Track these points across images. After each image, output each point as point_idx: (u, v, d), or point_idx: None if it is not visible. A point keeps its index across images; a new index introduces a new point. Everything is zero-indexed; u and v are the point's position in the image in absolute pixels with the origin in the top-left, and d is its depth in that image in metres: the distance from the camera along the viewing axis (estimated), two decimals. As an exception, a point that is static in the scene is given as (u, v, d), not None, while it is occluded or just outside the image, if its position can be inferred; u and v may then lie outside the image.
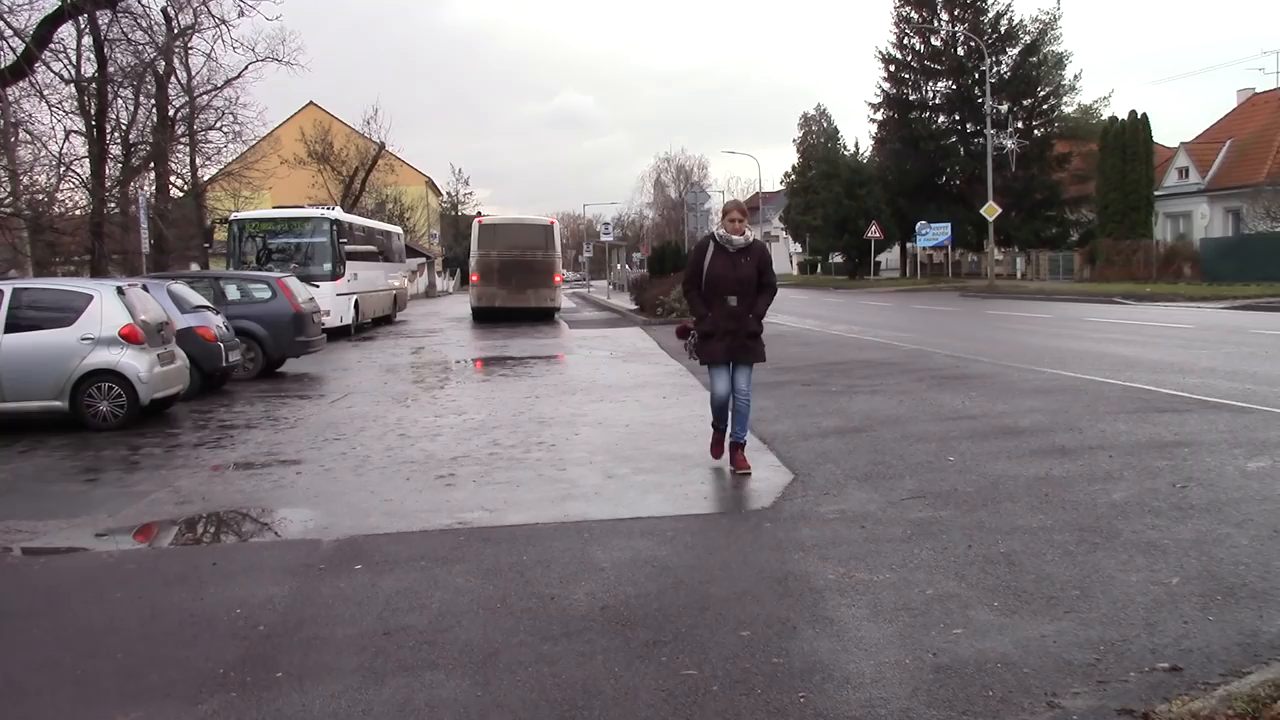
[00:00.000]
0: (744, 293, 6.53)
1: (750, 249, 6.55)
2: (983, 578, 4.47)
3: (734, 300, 6.51)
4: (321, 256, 22.41)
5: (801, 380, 11.66)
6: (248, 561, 5.26)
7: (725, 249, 6.54)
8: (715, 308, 6.53)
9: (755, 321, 6.61)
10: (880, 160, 53.57)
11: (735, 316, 6.55)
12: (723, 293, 6.51)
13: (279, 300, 14.90)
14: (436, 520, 5.89)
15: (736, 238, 6.53)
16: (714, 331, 6.54)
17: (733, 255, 6.54)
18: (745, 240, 6.55)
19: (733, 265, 6.51)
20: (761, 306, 6.63)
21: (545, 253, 27.43)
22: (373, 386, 13.09)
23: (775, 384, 11.49)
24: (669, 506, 6.04)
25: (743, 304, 6.53)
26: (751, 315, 6.58)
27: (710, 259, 6.55)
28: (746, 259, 6.53)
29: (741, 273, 6.50)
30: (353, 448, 8.38)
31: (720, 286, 6.51)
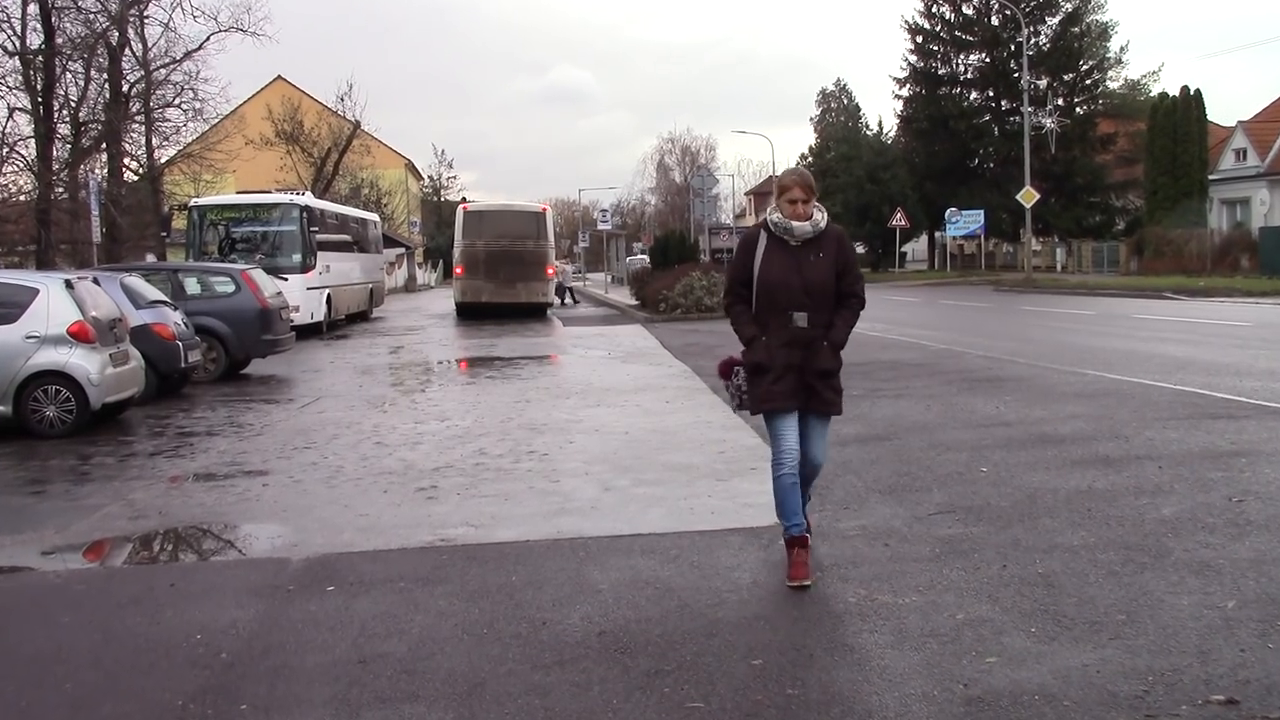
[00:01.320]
0: (817, 306, 4.84)
1: (822, 240, 4.90)
2: (1018, 601, 4.47)
3: (802, 318, 4.83)
4: (290, 246, 22.43)
5: (819, 383, 11.66)
6: (209, 582, 5.26)
7: (784, 242, 4.90)
8: (773, 329, 4.86)
9: (832, 352, 4.90)
10: (906, 141, 53.67)
11: (803, 342, 4.84)
12: (784, 306, 4.84)
13: (243, 295, 14.91)
14: (417, 537, 5.90)
15: (799, 224, 4.87)
16: (770, 365, 4.87)
17: (796, 251, 4.88)
18: (813, 227, 4.88)
19: (797, 266, 4.85)
20: (842, 329, 4.91)
21: (537, 242, 27.44)
22: (347, 390, 13.09)
23: (790, 387, 11.49)
24: (673, 522, 6.04)
25: (815, 323, 4.84)
26: (827, 342, 4.87)
27: (763, 257, 4.91)
28: (818, 255, 4.87)
29: (812, 275, 4.84)
30: (324, 457, 8.38)
31: (780, 297, 4.84)
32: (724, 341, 18.08)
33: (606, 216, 49.76)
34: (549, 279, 27.78)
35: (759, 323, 4.94)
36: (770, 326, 4.89)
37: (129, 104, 28.64)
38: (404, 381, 14.52)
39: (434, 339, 21.84)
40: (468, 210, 28.40)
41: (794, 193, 4.92)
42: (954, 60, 50.79)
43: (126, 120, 28.34)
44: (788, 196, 4.93)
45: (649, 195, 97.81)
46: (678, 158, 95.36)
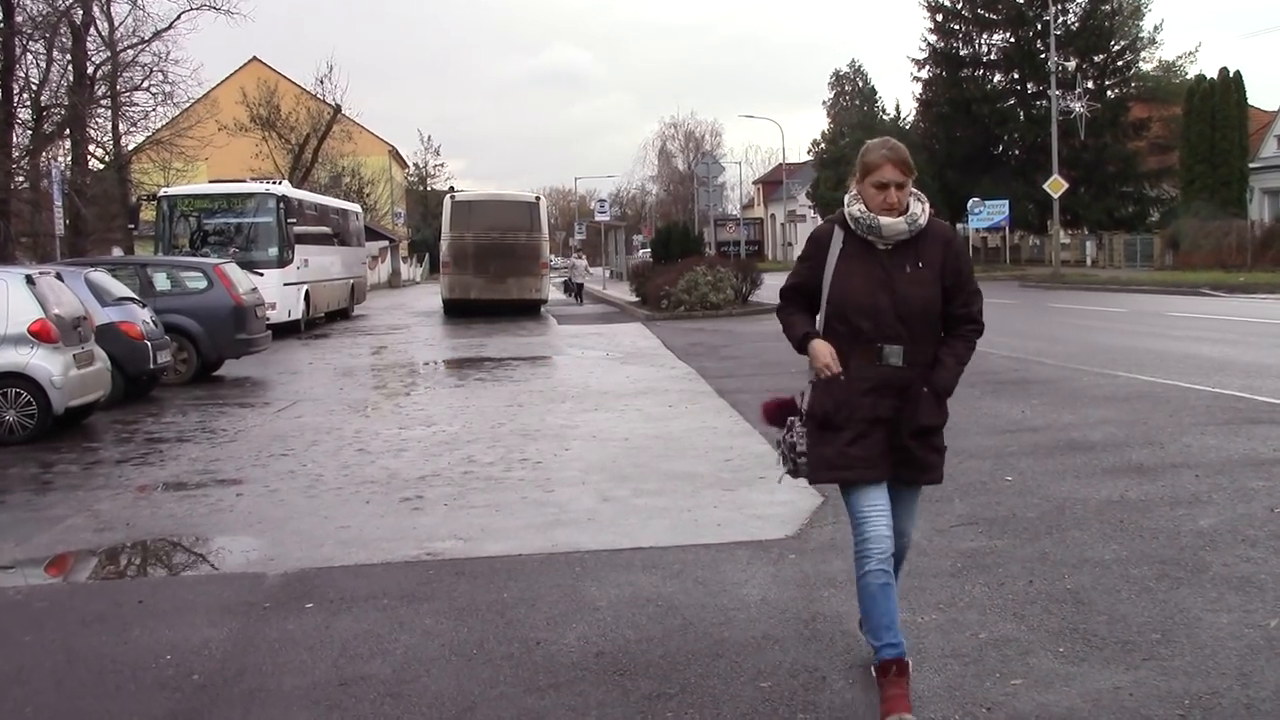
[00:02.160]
0: (915, 335, 3.66)
1: (924, 243, 3.69)
2: (1046, 619, 4.48)
3: (895, 353, 3.65)
4: (266, 239, 22.45)
5: (832, 386, 11.66)
6: (179, 599, 5.26)
7: (869, 245, 3.69)
8: (853, 367, 3.69)
9: (936, 402, 3.73)
10: (925, 126, 53.64)
11: (896, 387, 3.67)
12: (869, 336, 3.65)
13: (216, 291, 14.92)
14: (401, 551, 5.90)
15: (891, 220, 3.64)
16: (843, 415, 3.69)
17: (887, 258, 3.68)
18: (911, 225, 3.67)
19: (887, 279, 3.65)
20: (953, 369, 3.74)
21: (530, 235, 27.45)
22: (326, 393, 13.10)
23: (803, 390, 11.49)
24: (676, 535, 6.05)
25: (913, 360, 3.67)
26: (929, 388, 3.70)
27: (839, 265, 3.71)
28: (917, 265, 3.67)
29: (909, 293, 3.64)
30: (303, 465, 8.39)
31: (862, 322, 3.65)
32: (730, 341, 18.15)
33: (604, 207, 49.80)
34: (543, 274, 27.78)
35: (835, 355, 3.76)
36: (849, 363, 3.69)
37: (94, 87, 28.68)
38: (387, 384, 14.52)
39: (420, 338, 21.85)
40: (456, 200, 28.41)
41: (885, 173, 3.63)
42: (976, 40, 50.80)
43: (92, 105, 28.37)
44: (876, 179, 3.65)
45: (650, 184, 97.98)
46: (681, 144, 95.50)
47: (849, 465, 3.71)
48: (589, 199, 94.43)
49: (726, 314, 24.15)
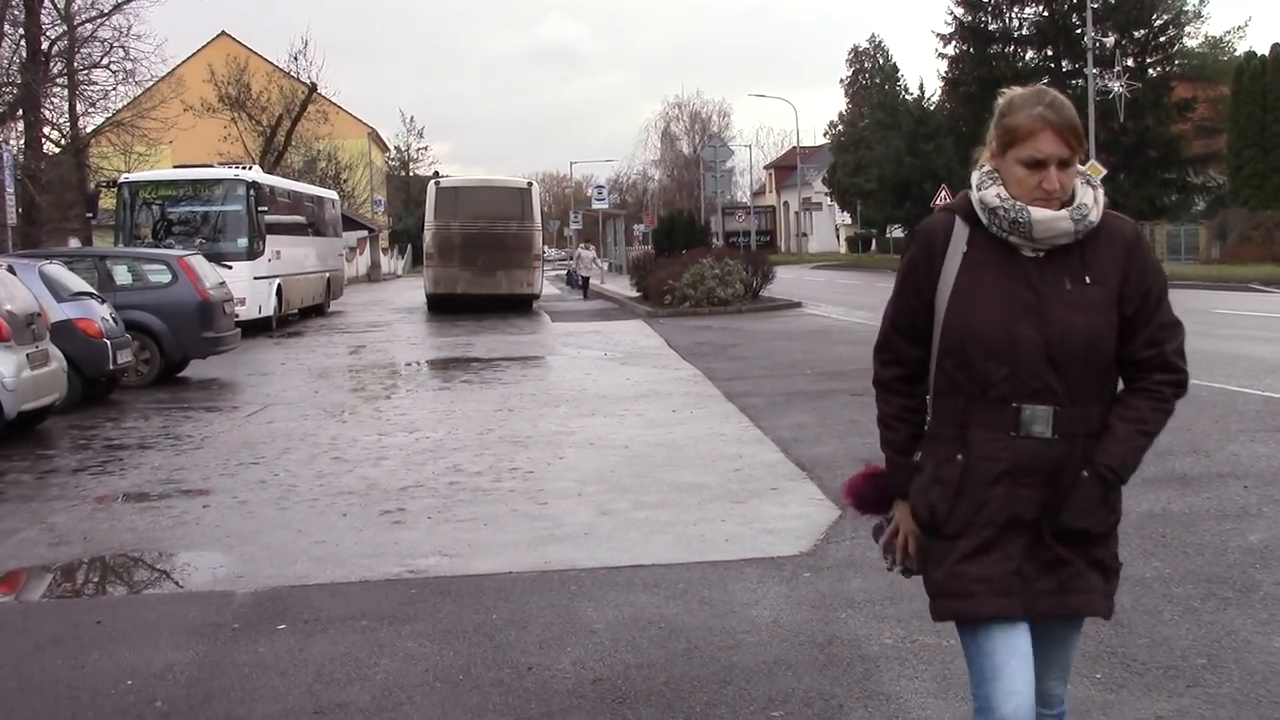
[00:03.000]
0: (1074, 387, 2.67)
1: (1095, 246, 2.69)
2: (1082, 642, 4.47)
3: (1041, 417, 2.65)
4: (235, 229, 22.47)
5: (851, 389, 11.67)
6: (141, 619, 5.27)
7: (1010, 249, 2.70)
8: (979, 437, 2.68)
9: (1103, 492, 2.77)
10: (952, 107, 53.59)
11: (1042, 470, 2.67)
12: (1002, 389, 2.65)
13: (181, 285, 14.93)
14: (381, 568, 5.90)
15: (1047, 214, 2.65)
16: (960, 516, 2.71)
17: (1034, 268, 2.69)
18: (1078, 220, 2.66)
19: (1036, 301, 2.66)
20: (1133, 439, 2.77)
21: (521, 224, 27.47)
22: (300, 396, 13.11)
23: (819, 393, 11.51)
24: (680, 551, 6.05)
25: (1070, 427, 2.67)
26: (1089, 470, 2.71)
27: (959, 275, 2.72)
28: (1083, 280, 2.67)
29: (1068, 322, 2.65)
30: (274, 474, 8.39)
31: (993, 368, 2.65)
32: (740, 340, 18.18)
33: (603, 194, 49.83)
34: (535, 266, 27.79)
35: (945, 421, 2.73)
36: (971, 429, 2.68)
37: (49, 64, 28.69)
38: (366, 386, 14.52)
39: (401, 336, 21.86)
40: (440, 187, 28.43)
41: (1042, 143, 2.65)
42: (1007, 14, 50.77)
43: (46, 83, 28.38)
44: (1027, 152, 2.66)
45: (652, 169, 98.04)
46: (686, 125, 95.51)
47: (967, 592, 2.70)
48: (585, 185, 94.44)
49: (735, 310, 24.16)
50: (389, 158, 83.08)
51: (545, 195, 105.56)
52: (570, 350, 17.83)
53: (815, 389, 11.85)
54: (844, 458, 8.18)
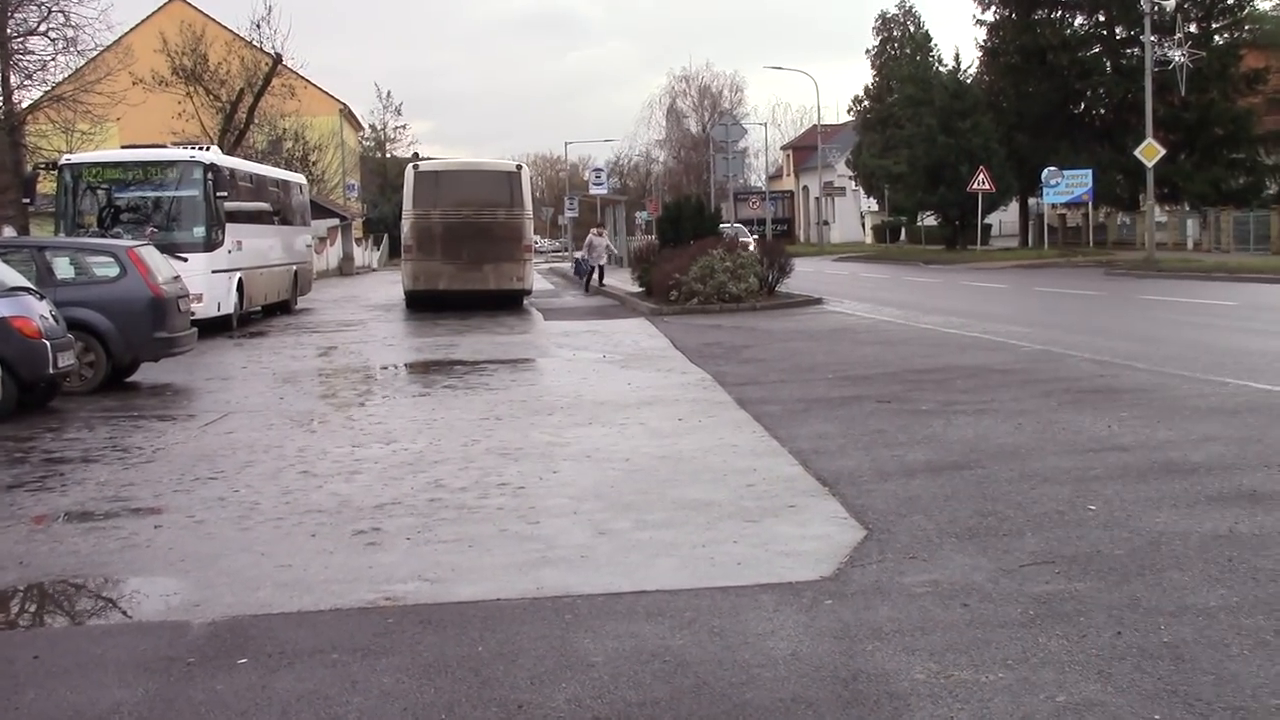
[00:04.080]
0: None
1: None
2: (1138, 678, 4.47)
3: None
4: (190, 217, 22.47)
5: (877, 394, 11.67)
6: (85, 654, 5.27)
7: None
8: None
9: None
10: (990, 80, 53.69)
11: None
12: None
13: (130, 279, 14.93)
14: (354, 594, 5.90)
15: None
16: None
17: None
18: None
19: None
20: None
21: (510, 211, 27.47)
22: (264, 403, 13.11)
23: (841, 400, 11.50)
24: (687, 576, 6.05)
25: None
26: None
27: None
28: None
29: None
30: (235, 491, 8.40)
31: None
32: (754, 340, 18.16)
33: (601, 178, 49.94)
34: (526, 258, 27.80)
35: None
36: None
37: (-19, 32, 28.70)
38: (338, 393, 14.52)
39: (376, 337, 21.87)
40: (420, 171, 28.43)
41: None
42: (1053, -25, 50.85)
43: (-22, 53, 28.40)
44: None
45: (656, 150, 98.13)
46: (694, 101, 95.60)
47: None
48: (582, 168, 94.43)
49: (749, 308, 24.16)
50: (363, 137, 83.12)
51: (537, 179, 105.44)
52: (565, 352, 17.83)
53: (838, 395, 11.84)
54: (870, 472, 8.18)
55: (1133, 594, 5.42)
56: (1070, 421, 9.74)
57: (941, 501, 7.25)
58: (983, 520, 6.77)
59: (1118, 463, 8.11)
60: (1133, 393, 11.13)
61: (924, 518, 6.89)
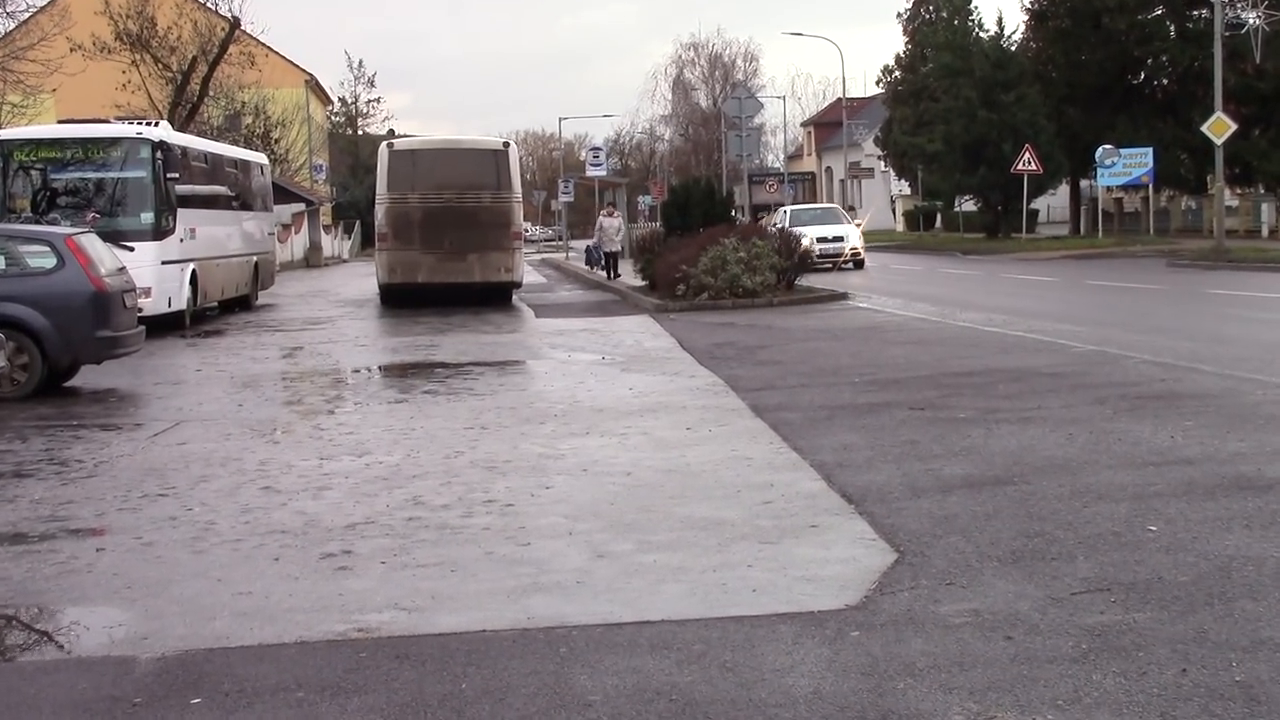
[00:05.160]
0: None
1: None
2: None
3: None
4: (137, 201, 22.47)
5: (910, 400, 11.66)
6: (16, 694, 5.26)
7: None
8: None
9: None
10: (1038, 47, 53.66)
11: None
12: None
13: (68, 271, 14.93)
14: (323, 625, 5.90)
15: None
16: None
17: None
18: None
19: None
20: None
21: (497, 194, 27.49)
22: (220, 410, 13.12)
23: (869, 407, 11.50)
24: (696, 604, 6.05)
25: None
26: None
27: None
28: None
29: None
30: (187, 509, 8.40)
31: None
32: (770, 340, 18.16)
33: (600, 157, 49.87)
34: (515, 247, 27.80)
35: None
36: None
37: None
38: (304, 399, 14.52)
39: (347, 336, 21.87)
40: (395, 150, 28.45)
41: None
42: (1108, -72, 50.80)
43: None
44: None
45: (661, 127, 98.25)
46: (703, 72, 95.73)
47: None
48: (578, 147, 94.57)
49: (765, 304, 24.17)
50: (332, 112, 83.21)
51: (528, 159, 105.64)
52: (559, 353, 17.83)
53: (865, 401, 11.84)
54: (901, 487, 8.18)
55: (1200, 626, 5.41)
56: (1127, 431, 9.73)
57: (982, 521, 7.25)
58: (1029, 542, 6.77)
59: (1182, 478, 8.10)
60: (1198, 399, 11.11)
61: (962, 539, 6.88)
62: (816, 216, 40.32)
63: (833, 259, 36.75)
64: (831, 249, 37.06)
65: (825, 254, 36.09)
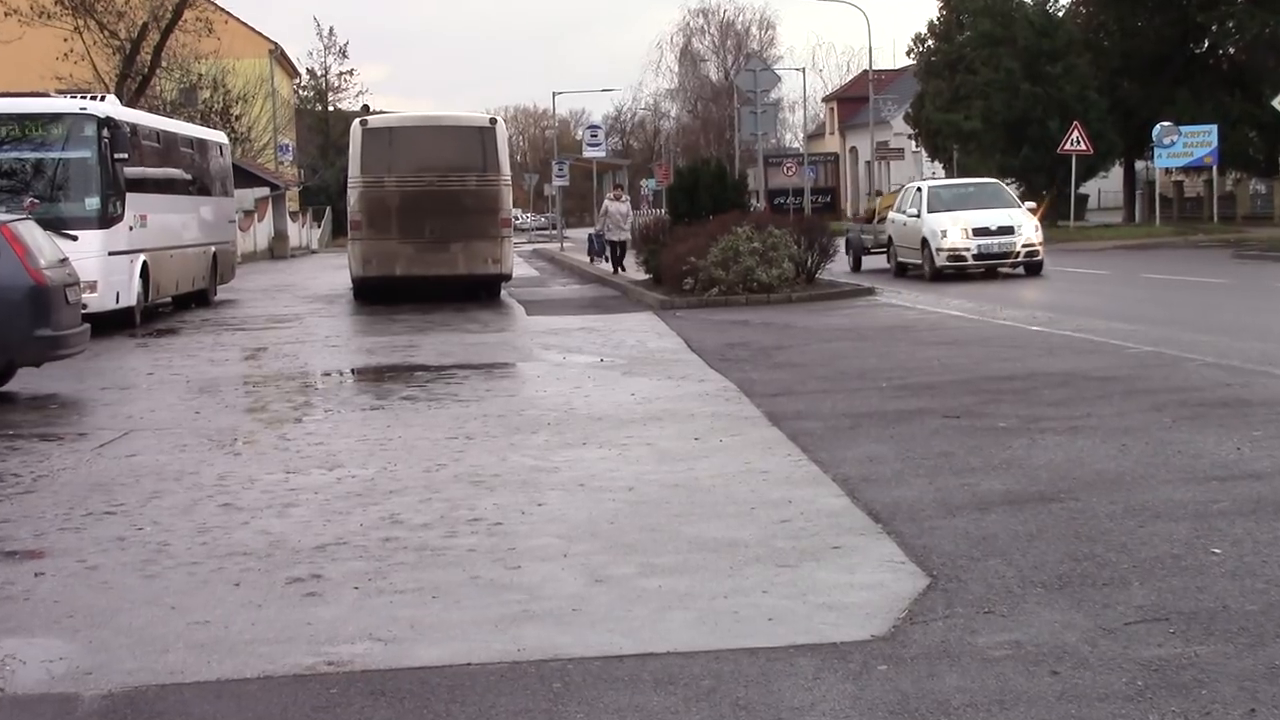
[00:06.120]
0: None
1: None
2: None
3: None
4: (81, 184, 22.47)
5: (943, 408, 11.66)
6: (-51, 731, 5.27)
7: None
8: None
9: None
10: (1088, 13, 53.68)
11: None
12: None
13: (3, 263, 14.93)
14: (288, 658, 5.90)
15: None
16: None
17: None
18: None
19: None
20: None
21: (483, 176, 27.49)
22: (175, 418, 13.12)
23: (899, 414, 11.49)
24: (706, 634, 6.05)
25: None
26: None
27: None
28: None
29: None
30: (138, 529, 8.40)
31: None
32: (788, 340, 18.16)
33: (598, 136, 49.93)
34: (504, 235, 27.80)
35: None
36: None
37: None
38: (268, 406, 14.52)
39: (317, 336, 21.87)
40: (370, 128, 28.44)
41: None
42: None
43: None
44: None
45: (667, 103, 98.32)
46: (714, 42, 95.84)
47: None
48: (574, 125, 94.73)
49: (783, 299, 24.17)
50: (299, 86, 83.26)
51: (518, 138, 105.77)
52: (553, 354, 17.83)
53: (894, 408, 11.83)
54: (934, 504, 8.17)
55: (1270, 660, 5.40)
56: (1188, 442, 9.72)
57: (1024, 542, 7.24)
58: (1077, 566, 6.76)
59: (1249, 494, 8.09)
60: (1268, 406, 11.11)
61: (1002, 562, 6.88)
62: (968, 197, 30.84)
63: (995, 261, 28.87)
64: (996, 246, 28.48)
65: (984, 254, 28.54)
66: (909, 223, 30.42)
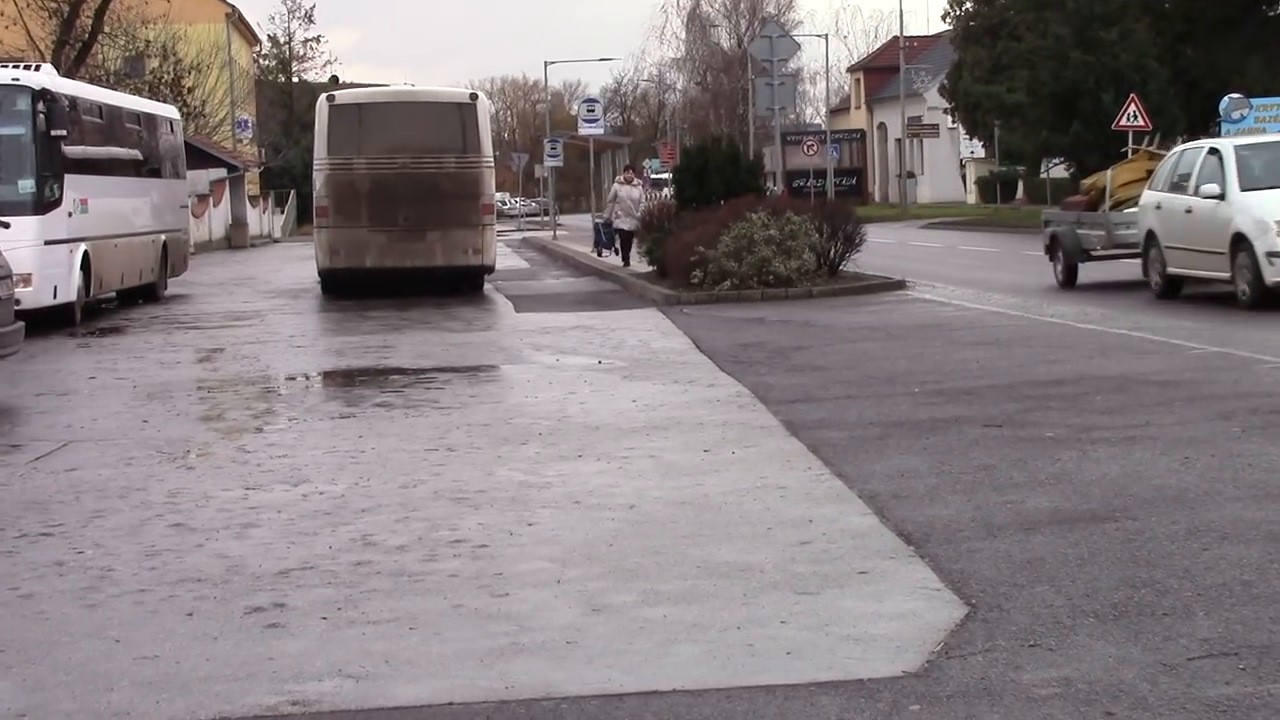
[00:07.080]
0: None
1: None
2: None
3: None
4: (13, 165, 22.49)
5: (983, 416, 11.65)
6: None
7: None
8: None
9: None
10: (1145, -27, 53.49)
11: None
12: None
13: (-69, 254, 14.96)
14: (248, 697, 5.90)
15: None
16: None
17: None
18: None
19: None
20: None
21: (462, 158, 27.52)
22: (120, 428, 13.12)
23: (933, 423, 11.49)
24: (716, 670, 6.04)
25: None
26: None
27: None
28: None
29: None
30: (78, 552, 8.40)
31: None
32: (809, 339, 18.15)
33: (596, 111, 49.86)
34: (486, 222, 27.80)
35: None
36: None
37: None
38: (225, 414, 14.52)
39: (280, 335, 21.88)
40: (337, 104, 28.46)
41: None
42: None
43: None
44: None
45: (672, 73, 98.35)
46: (725, 4, 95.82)
47: None
48: (568, 99, 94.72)
49: (802, 294, 24.16)
50: (260, 54, 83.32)
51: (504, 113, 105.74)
52: (544, 356, 17.83)
53: (928, 417, 11.83)
54: (972, 524, 8.16)
55: (1347, 698, 5.41)
56: (1260, 455, 9.71)
57: (1075, 567, 7.24)
58: (1134, 594, 6.75)
59: (1326, 512, 8.10)
60: (1347, 414, 11.12)
61: (1050, 589, 6.87)
62: None
63: None
64: None
65: None
66: (1198, 208, 20.91)
